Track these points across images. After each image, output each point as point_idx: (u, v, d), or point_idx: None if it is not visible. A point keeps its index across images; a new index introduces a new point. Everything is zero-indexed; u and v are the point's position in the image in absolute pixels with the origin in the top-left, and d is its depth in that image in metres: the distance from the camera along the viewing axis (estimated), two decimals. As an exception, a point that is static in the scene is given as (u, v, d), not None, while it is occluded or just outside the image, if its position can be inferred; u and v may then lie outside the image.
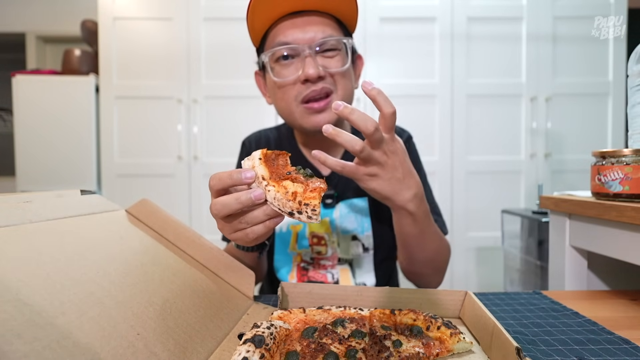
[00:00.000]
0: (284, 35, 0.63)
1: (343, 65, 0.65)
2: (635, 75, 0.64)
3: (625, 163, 0.55)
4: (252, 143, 0.80)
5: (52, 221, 0.37)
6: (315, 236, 0.71)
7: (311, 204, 0.36)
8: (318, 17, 0.64)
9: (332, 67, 0.64)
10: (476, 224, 1.84)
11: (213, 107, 1.84)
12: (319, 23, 0.64)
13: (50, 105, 1.87)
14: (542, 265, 1.29)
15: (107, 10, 1.81)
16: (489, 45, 1.82)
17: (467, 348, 0.36)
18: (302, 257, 0.72)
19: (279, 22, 0.64)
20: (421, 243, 0.60)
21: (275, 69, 0.66)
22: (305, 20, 0.63)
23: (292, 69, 0.64)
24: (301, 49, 0.62)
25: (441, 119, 1.82)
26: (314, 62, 0.62)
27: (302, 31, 0.63)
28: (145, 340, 0.29)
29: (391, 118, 0.47)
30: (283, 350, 0.33)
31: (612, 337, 0.42)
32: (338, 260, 0.72)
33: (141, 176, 1.85)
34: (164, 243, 0.47)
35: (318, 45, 0.63)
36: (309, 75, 0.61)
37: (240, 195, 0.39)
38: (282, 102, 0.66)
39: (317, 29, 0.63)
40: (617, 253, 0.57)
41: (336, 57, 0.65)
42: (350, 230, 0.72)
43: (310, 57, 0.62)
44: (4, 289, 0.25)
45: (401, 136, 0.78)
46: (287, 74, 0.64)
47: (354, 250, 0.72)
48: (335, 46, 0.65)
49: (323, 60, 0.64)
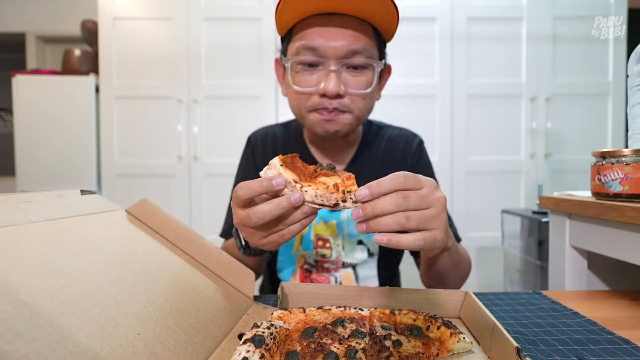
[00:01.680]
0: (311, 40, 0.59)
1: (367, 87, 0.62)
2: (635, 75, 0.64)
3: (625, 163, 0.55)
4: (259, 139, 0.79)
5: (52, 221, 0.37)
6: (320, 238, 0.70)
7: (353, 190, 0.40)
8: (352, 22, 0.59)
9: (354, 87, 0.61)
10: (476, 224, 1.84)
11: (213, 107, 1.84)
12: (352, 31, 0.59)
13: (50, 105, 1.87)
14: (542, 265, 1.29)
15: (107, 10, 1.81)
16: (489, 45, 1.82)
17: (467, 348, 0.36)
18: (305, 259, 0.71)
19: (309, 19, 0.60)
20: (455, 270, 0.61)
21: (296, 74, 0.63)
22: (337, 25, 0.58)
23: (314, 80, 0.61)
24: (327, 62, 0.59)
25: (441, 119, 1.82)
26: (337, 80, 0.59)
27: (331, 39, 0.58)
28: (145, 340, 0.29)
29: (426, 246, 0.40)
30: (283, 350, 0.33)
31: (612, 337, 0.42)
32: (342, 264, 0.71)
33: (141, 176, 1.85)
34: (164, 243, 0.47)
35: (345, 62, 0.59)
36: (328, 91, 0.59)
37: (281, 201, 0.40)
38: (295, 104, 0.65)
39: (348, 39, 0.58)
40: (617, 253, 0.57)
41: (361, 77, 0.61)
42: (356, 234, 0.71)
43: (335, 73, 0.59)
44: (4, 289, 0.25)
45: (412, 141, 0.77)
46: (307, 83, 0.61)
47: (359, 255, 0.71)
48: (364, 65, 0.61)
49: (347, 77, 0.60)
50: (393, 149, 0.75)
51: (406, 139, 0.77)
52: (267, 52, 1.80)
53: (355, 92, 0.61)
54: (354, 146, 0.74)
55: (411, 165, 0.75)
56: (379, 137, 0.77)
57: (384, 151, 0.75)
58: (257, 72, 1.82)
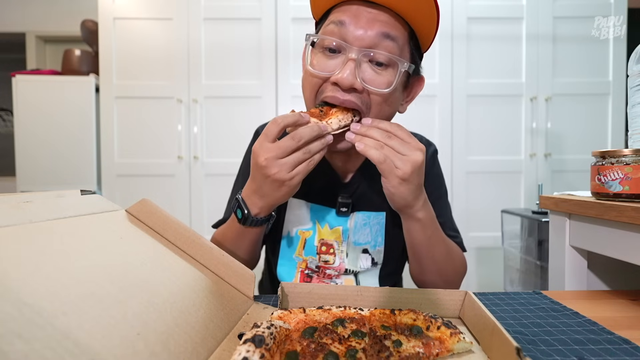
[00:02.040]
0: (343, 15, 0.55)
1: (387, 86, 0.56)
2: (635, 75, 0.64)
3: (625, 163, 0.55)
4: None
5: (52, 221, 0.37)
6: (324, 244, 0.69)
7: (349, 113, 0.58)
8: (389, 18, 0.55)
9: (373, 83, 0.55)
10: (476, 224, 1.84)
11: (213, 107, 1.84)
12: (386, 25, 0.54)
13: (50, 105, 1.87)
14: (542, 265, 1.29)
15: (107, 10, 1.81)
16: (489, 45, 1.82)
17: (467, 348, 0.36)
18: (307, 264, 0.70)
19: (345, 4, 0.56)
20: (430, 250, 0.61)
21: (315, 58, 0.58)
22: (371, 16, 0.54)
23: (330, 65, 0.56)
24: (348, 49, 0.54)
25: (441, 119, 1.82)
26: (353, 70, 0.54)
27: (361, 27, 0.54)
28: (145, 340, 0.29)
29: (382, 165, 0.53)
30: (283, 350, 0.33)
31: (612, 337, 0.42)
32: (345, 271, 0.70)
33: (141, 176, 1.85)
34: (164, 243, 0.47)
35: (368, 52, 0.54)
36: (339, 80, 0.54)
37: (313, 125, 0.53)
38: (306, 88, 0.61)
39: (379, 32, 0.54)
40: (617, 253, 0.57)
41: (383, 74, 0.56)
42: (362, 242, 0.70)
43: (353, 62, 0.54)
44: (4, 289, 0.25)
45: (427, 149, 0.73)
46: (322, 67, 0.57)
47: (363, 263, 0.70)
48: (388, 62, 0.55)
49: (367, 71, 0.55)
50: None
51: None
52: (267, 52, 1.80)
53: (372, 89, 0.55)
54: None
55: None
56: None
57: None
58: (257, 72, 1.82)
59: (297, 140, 0.51)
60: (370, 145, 0.53)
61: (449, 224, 0.74)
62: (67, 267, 0.31)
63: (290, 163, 0.51)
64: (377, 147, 0.53)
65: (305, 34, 0.59)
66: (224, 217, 0.74)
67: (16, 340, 0.22)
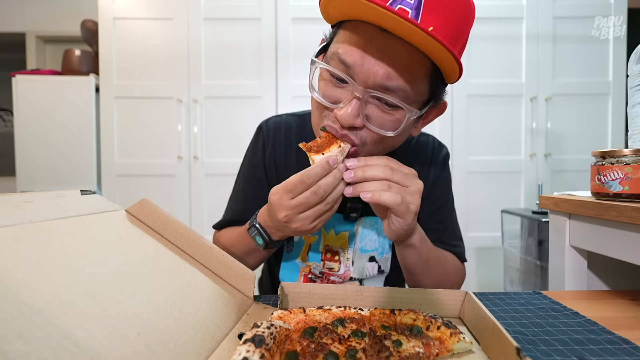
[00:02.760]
0: (348, 54, 0.48)
1: (391, 129, 0.50)
2: (635, 75, 0.64)
3: (625, 163, 0.55)
4: (270, 129, 0.72)
5: (52, 221, 0.37)
6: (329, 250, 0.68)
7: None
8: (406, 50, 0.46)
9: (376, 123, 0.50)
10: (476, 224, 1.84)
11: (213, 107, 1.84)
12: (399, 60, 0.46)
13: (50, 105, 1.87)
14: (542, 265, 1.29)
15: (107, 10, 1.81)
16: (489, 45, 1.82)
17: (467, 348, 0.36)
18: (310, 269, 0.69)
19: (362, 25, 0.47)
20: (426, 271, 0.60)
21: (321, 82, 0.53)
22: (385, 47, 0.46)
23: (336, 95, 0.51)
24: (354, 86, 0.48)
25: (441, 119, 1.82)
26: (356, 110, 0.48)
27: (368, 62, 0.47)
28: (145, 340, 0.29)
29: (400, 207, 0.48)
30: (283, 350, 0.33)
31: (612, 337, 0.42)
32: (350, 279, 0.69)
33: (141, 176, 1.85)
34: (164, 243, 0.47)
35: (375, 95, 0.48)
36: (340, 118, 0.49)
37: (335, 172, 0.49)
38: (313, 111, 0.57)
39: (387, 70, 0.46)
40: (617, 253, 0.57)
41: (392, 114, 0.50)
42: (369, 249, 0.68)
43: (357, 101, 0.48)
44: (4, 289, 0.25)
45: (440, 152, 0.72)
46: (327, 96, 0.51)
47: (368, 271, 0.68)
48: (396, 104, 0.49)
49: (373, 110, 0.50)
50: (418, 158, 0.71)
51: (434, 148, 0.73)
52: (267, 52, 1.80)
53: (374, 130, 0.50)
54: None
55: (433, 179, 0.71)
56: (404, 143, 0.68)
57: (410, 159, 0.69)
58: (257, 72, 1.82)
59: (320, 195, 0.49)
60: (376, 189, 0.48)
61: (452, 231, 0.71)
62: (67, 267, 0.31)
63: (312, 216, 0.50)
64: (386, 188, 0.48)
65: (311, 59, 0.53)
66: (226, 218, 0.73)
67: (16, 340, 0.22)
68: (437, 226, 0.69)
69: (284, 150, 0.71)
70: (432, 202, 0.70)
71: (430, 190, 0.70)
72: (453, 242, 0.70)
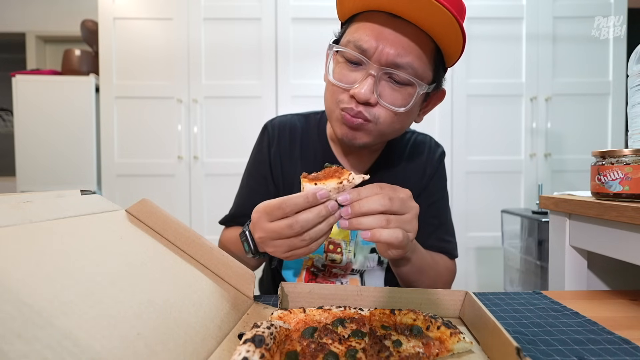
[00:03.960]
0: (362, 38, 0.55)
1: (401, 105, 0.56)
2: (635, 75, 0.64)
3: (625, 163, 0.55)
4: (276, 129, 0.74)
5: (52, 221, 0.37)
6: (331, 243, 0.69)
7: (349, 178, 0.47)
8: (413, 32, 0.53)
9: (388, 100, 0.56)
10: (476, 224, 1.84)
11: (213, 107, 1.84)
12: (408, 41, 0.53)
13: (50, 105, 1.87)
14: (542, 265, 1.29)
15: (107, 10, 1.81)
16: (489, 45, 1.82)
17: (467, 348, 0.36)
18: (313, 263, 0.70)
19: (371, 14, 0.55)
20: (419, 277, 0.61)
21: (337, 67, 0.59)
22: (395, 29, 0.53)
23: (352, 77, 0.57)
24: (368, 65, 0.55)
25: (441, 119, 1.82)
26: (372, 86, 0.54)
27: (382, 42, 0.54)
28: (145, 340, 0.29)
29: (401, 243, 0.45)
30: (283, 350, 0.33)
31: (612, 337, 0.42)
32: (351, 270, 0.70)
33: (141, 176, 1.85)
34: (164, 243, 0.47)
35: (387, 71, 0.55)
36: (356, 94, 0.55)
37: (320, 209, 0.44)
38: (328, 96, 0.62)
39: (398, 49, 0.53)
40: (617, 253, 0.57)
41: (401, 92, 0.56)
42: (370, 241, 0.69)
43: (372, 79, 0.55)
44: (4, 289, 0.25)
45: (435, 151, 0.76)
46: (344, 79, 0.57)
47: (370, 263, 0.70)
48: (407, 82, 0.55)
49: (385, 88, 0.56)
50: (416, 155, 0.74)
51: (430, 147, 0.76)
52: (267, 52, 1.80)
53: (386, 106, 0.56)
54: (378, 150, 0.72)
55: (429, 175, 0.73)
56: (403, 141, 0.75)
57: (408, 156, 0.74)
58: (257, 72, 1.82)
59: (296, 230, 0.44)
60: (375, 225, 0.45)
61: (446, 227, 0.74)
62: (67, 267, 0.31)
63: (285, 248, 0.47)
64: (384, 224, 0.45)
65: (329, 43, 0.60)
66: (231, 213, 0.74)
67: (16, 340, 0.22)
68: (432, 220, 0.72)
69: (289, 148, 0.73)
70: (427, 197, 0.72)
71: (427, 185, 0.73)
72: (446, 238, 0.72)
